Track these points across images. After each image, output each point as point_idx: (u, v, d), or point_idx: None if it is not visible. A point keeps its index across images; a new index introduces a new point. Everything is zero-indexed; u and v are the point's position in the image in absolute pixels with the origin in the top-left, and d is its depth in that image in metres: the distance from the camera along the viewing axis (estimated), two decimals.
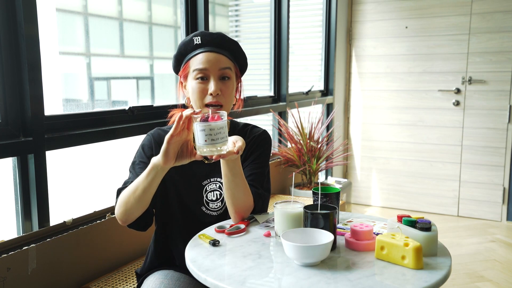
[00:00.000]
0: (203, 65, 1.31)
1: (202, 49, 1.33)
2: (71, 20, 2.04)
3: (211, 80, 1.31)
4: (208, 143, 1.08)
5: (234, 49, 1.38)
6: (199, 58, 1.32)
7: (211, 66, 1.31)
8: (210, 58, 1.31)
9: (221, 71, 1.32)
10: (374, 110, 4.17)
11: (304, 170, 3.18)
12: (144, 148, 1.36)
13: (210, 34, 1.35)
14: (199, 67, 1.31)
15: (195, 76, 1.32)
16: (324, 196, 1.28)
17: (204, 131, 1.08)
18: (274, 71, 3.26)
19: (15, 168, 1.57)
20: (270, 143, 1.47)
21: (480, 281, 2.70)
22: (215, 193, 1.39)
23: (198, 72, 1.31)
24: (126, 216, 1.24)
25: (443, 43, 3.82)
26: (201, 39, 1.34)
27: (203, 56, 1.32)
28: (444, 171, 3.93)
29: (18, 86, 1.51)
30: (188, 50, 1.36)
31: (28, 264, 1.47)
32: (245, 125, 1.47)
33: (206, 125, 1.07)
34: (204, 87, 1.31)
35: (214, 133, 1.08)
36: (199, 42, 1.34)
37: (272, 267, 1.04)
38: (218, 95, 1.31)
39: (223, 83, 1.32)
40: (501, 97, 3.67)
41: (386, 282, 0.95)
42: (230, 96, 1.35)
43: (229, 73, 1.34)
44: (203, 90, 1.31)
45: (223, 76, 1.33)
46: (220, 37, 1.35)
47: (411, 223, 1.13)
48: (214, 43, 1.34)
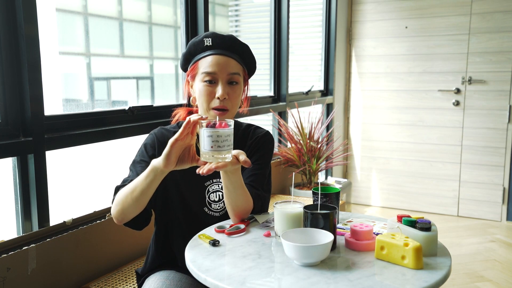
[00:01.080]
0: (212, 69, 1.30)
1: (212, 51, 1.32)
2: (71, 20, 2.04)
3: (219, 84, 1.30)
4: (214, 150, 1.08)
5: (244, 52, 1.37)
6: (208, 60, 1.31)
7: (220, 70, 1.30)
8: (219, 62, 1.31)
9: (230, 76, 1.31)
10: (374, 110, 4.17)
11: (304, 170, 3.18)
12: (146, 147, 1.36)
13: (221, 37, 1.34)
14: (207, 70, 1.30)
15: (203, 78, 1.31)
16: (324, 196, 1.28)
17: (211, 137, 1.08)
18: (274, 71, 3.26)
19: (15, 168, 1.57)
20: (273, 144, 1.47)
21: (480, 281, 2.70)
22: (217, 194, 1.39)
23: (206, 75, 1.31)
24: (122, 215, 1.23)
25: (443, 43, 3.82)
26: (211, 41, 1.33)
27: (212, 59, 1.31)
28: (444, 171, 3.93)
29: (18, 86, 1.50)
30: (198, 50, 1.35)
31: (28, 264, 1.47)
32: (248, 125, 1.47)
33: (213, 132, 1.07)
34: (211, 90, 1.30)
35: (221, 140, 1.08)
36: (209, 44, 1.33)
37: (272, 267, 1.04)
38: (225, 100, 1.30)
39: (230, 87, 1.32)
40: (501, 97, 3.67)
41: (386, 282, 0.95)
42: (237, 101, 1.35)
43: (238, 78, 1.33)
44: (211, 93, 1.30)
45: (231, 81, 1.32)
46: (231, 40, 1.34)
47: (411, 223, 1.13)
48: (225, 46, 1.33)
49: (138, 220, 1.28)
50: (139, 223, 1.30)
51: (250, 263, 1.05)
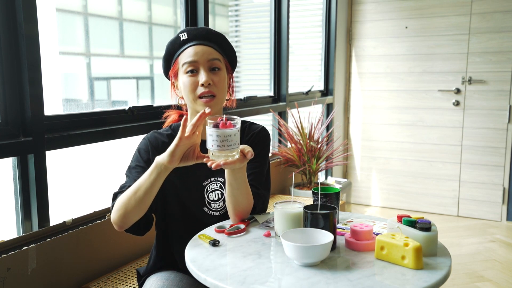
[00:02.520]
0: (192, 58, 1.31)
1: (190, 43, 1.34)
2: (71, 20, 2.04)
3: (201, 71, 1.31)
4: (220, 149, 1.09)
5: (221, 41, 1.38)
6: (187, 52, 1.33)
7: (200, 58, 1.31)
8: (198, 50, 1.32)
9: (211, 62, 1.32)
10: (374, 110, 4.17)
11: (304, 170, 3.18)
12: (140, 152, 1.35)
13: (195, 29, 1.36)
14: (188, 60, 1.31)
15: (185, 70, 1.32)
16: (324, 196, 1.28)
17: (216, 137, 1.09)
18: (274, 71, 3.26)
19: (15, 168, 1.57)
20: (269, 139, 1.46)
21: (480, 281, 2.70)
22: (216, 193, 1.38)
23: (188, 65, 1.31)
24: (124, 220, 1.21)
25: (443, 43, 3.82)
26: (187, 34, 1.35)
27: (191, 49, 1.32)
28: (444, 171, 3.93)
29: (18, 86, 1.50)
30: (176, 47, 1.36)
31: (28, 264, 1.47)
32: (242, 122, 1.46)
33: (218, 131, 1.08)
34: (194, 79, 1.31)
35: (226, 139, 1.09)
36: (185, 38, 1.35)
37: (272, 267, 1.04)
38: (210, 85, 1.30)
39: (213, 73, 1.32)
40: (501, 97, 3.67)
41: (386, 282, 0.95)
42: (222, 86, 1.34)
43: (219, 64, 1.34)
44: (194, 82, 1.31)
45: (213, 67, 1.33)
46: (205, 31, 1.37)
47: (411, 223, 1.13)
48: (201, 37, 1.35)
49: (139, 225, 1.27)
50: (141, 228, 1.29)
51: (250, 263, 1.05)
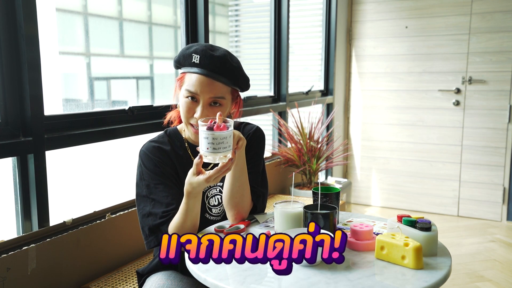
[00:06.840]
0: (194, 89, 1.26)
1: (198, 70, 1.26)
2: (71, 20, 2.04)
3: (200, 104, 1.27)
4: (210, 151, 1.10)
5: (235, 74, 1.30)
6: (192, 78, 1.27)
7: (202, 92, 1.26)
8: (203, 83, 1.25)
9: (212, 99, 1.27)
10: (374, 110, 4.17)
11: (304, 170, 3.18)
12: (149, 169, 1.31)
13: (210, 57, 1.26)
14: (190, 89, 1.26)
15: (185, 94, 1.28)
16: (324, 196, 1.28)
17: (207, 139, 1.09)
18: (274, 71, 3.26)
19: (15, 168, 1.56)
20: (264, 139, 1.46)
21: (480, 281, 2.70)
22: (216, 198, 1.39)
23: (188, 92, 1.27)
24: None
25: (443, 43, 3.82)
26: (199, 59, 1.26)
27: (196, 79, 1.26)
28: (444, 171, 3.93)
29: (18, 86, 1.50)
30: (186, 63, 1.30)
31: (28, 264, 1.47)
32: (237, 122, 1.46)
33: (210, 134, 1.09)
34: (192, 106, 1.28)
35: (218, 142, 1.09)
36: (197, 62, 1.26)
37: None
38: None
39: (211, 108, 1.28)
40: (501, 97, 3.67)
41: (386, 282, 0.95)
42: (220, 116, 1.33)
43: (221, 101, 1.29)
44: (190, 110, 1.28)
45: (214, 102, 1.28)
46: (220, 62, 1.26)
47: (411, 223, 1.13)
48: (212, 68, 1.26)
49: None
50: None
51: (250, 263, 1.05)
